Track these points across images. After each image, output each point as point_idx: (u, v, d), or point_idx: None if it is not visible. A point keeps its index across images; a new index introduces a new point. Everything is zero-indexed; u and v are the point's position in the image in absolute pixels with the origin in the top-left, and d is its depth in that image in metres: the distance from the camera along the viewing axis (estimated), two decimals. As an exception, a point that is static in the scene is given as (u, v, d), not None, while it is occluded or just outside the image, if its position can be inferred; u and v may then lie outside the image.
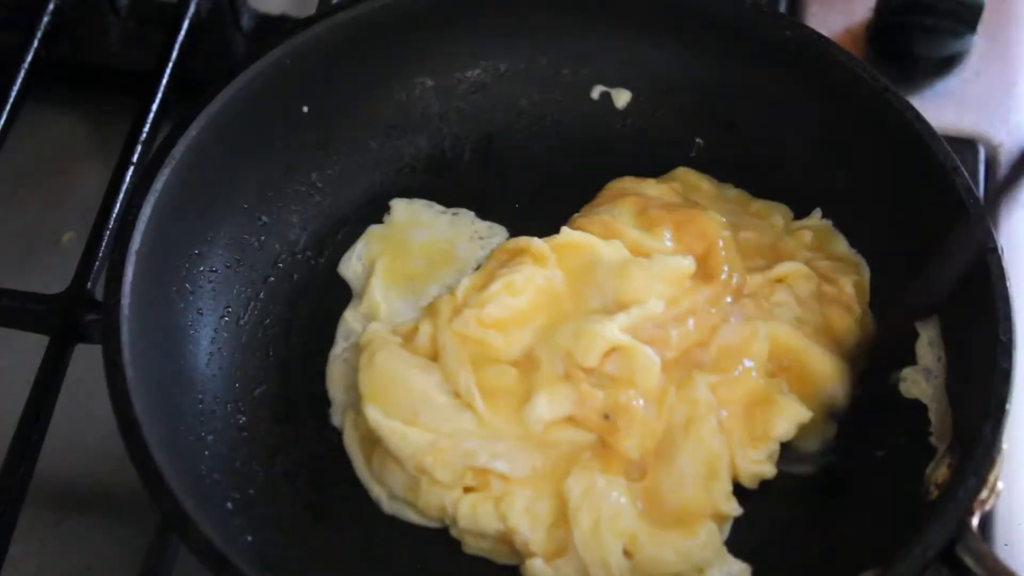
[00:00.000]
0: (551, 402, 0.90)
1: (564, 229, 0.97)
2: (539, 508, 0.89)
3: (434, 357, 0.94)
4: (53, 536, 0.99)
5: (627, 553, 0.88)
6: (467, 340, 0.93)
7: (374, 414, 0.91)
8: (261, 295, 1.00)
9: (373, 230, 1.04)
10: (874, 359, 0.95)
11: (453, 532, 0.91)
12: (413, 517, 0.92)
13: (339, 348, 0.99)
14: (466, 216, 1.04)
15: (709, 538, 0.89)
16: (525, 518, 0.89)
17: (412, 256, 1.02)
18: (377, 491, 0.93)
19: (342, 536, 0.92)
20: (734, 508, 0.91)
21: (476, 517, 0.89)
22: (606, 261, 0.95)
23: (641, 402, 0.91)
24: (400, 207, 1.05)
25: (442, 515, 0.91)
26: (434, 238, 1.03)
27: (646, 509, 0.90)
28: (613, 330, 0.91)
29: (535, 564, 0.88)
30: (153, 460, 0.81)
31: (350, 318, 1.00)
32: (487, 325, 0.93)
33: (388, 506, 0.92)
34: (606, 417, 0.90)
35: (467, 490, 0.90)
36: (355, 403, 0.94)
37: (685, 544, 0.89)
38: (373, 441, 0.92)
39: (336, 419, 0.96)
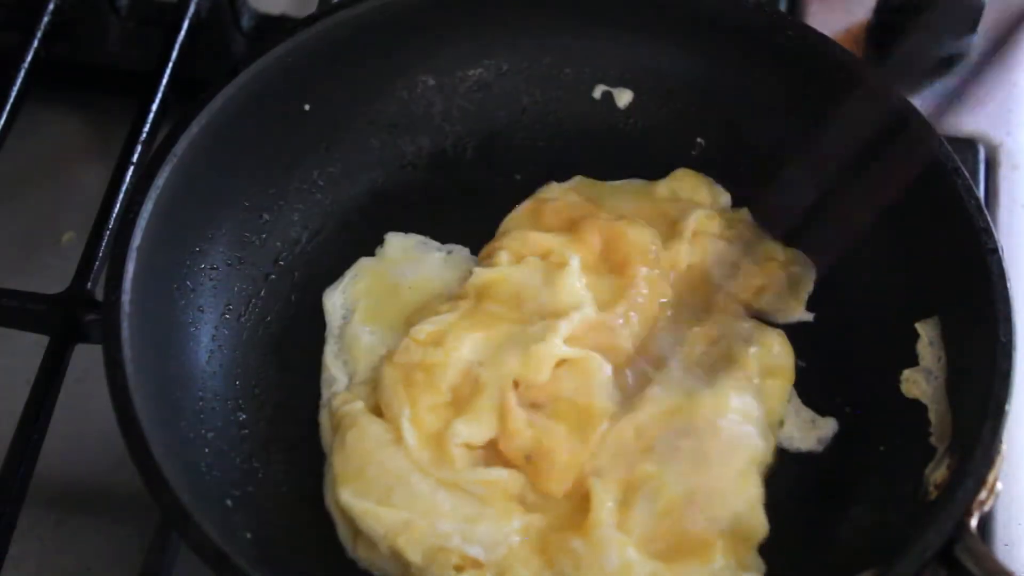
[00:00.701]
0: (470, 425, 0.90)
1: (475, 269, 0.98)
2: None
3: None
4: (53, 536, 0.99)
5: None
6: (406, 369, 0.93)
7: (346, 496, 0.89)
8: (262, 292, 1.00)
9: (363, 263, 1.02)
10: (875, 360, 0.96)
11: None
12: None
13: (324, 396, 0.97)
14: (460, 254, 1.03)
15: (727, 562, 0.88)
16: None
17: (398, 296, 1.01)
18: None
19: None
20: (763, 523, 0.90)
21: None
22: (525, 281, 0.96)
23: (560, 447, 0.90)
24: (394, 241, 1.04)
25: None
26: (424, 277, 1.01)
27: (656, 549, 0.89)
28: (557, 343, 0.92)
29: None
30: (153, 457, 0.81)
31: (331, 364, 0.98)
32: (422, 343, 0.93)
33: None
34: (528, 458, 0.90)
35: (459, 568, 0.88)
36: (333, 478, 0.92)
37: (704, 572, 0.87)
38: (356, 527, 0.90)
39: (327, 493, 0.92)
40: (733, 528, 0.89)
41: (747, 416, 0.93)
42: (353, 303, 1.01)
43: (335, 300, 1.01)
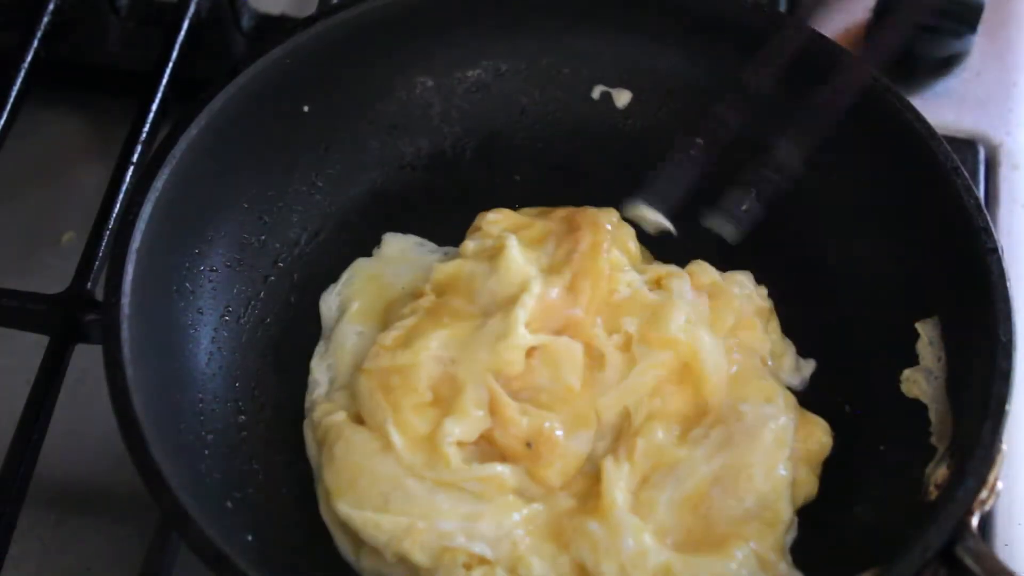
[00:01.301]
0: (461, 423, 0.89)
1: (435, 266, 0.98)
2: (561, 562, 0.88)
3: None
4: (53, 536, 0.99)
5: None
6: (379, 375, 0.92)
7: (344, 509, 0.89)
8: (261, 294, 1.00)
9: (359, 263, 1.03)
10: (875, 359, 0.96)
11: None
12: None
13: (307, 402, 0.97)
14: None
15: (745, 559, 0.87)
16: None
17: (392, 296, 1.00)
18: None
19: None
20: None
21: None
22: (475, 272, 0.96)
23: (560, 432, 0.90)
24: (391, 242, 1.04)
25: None
26: (419, 277, 1.00)
27: (674, 540, 0.89)
28: (522, 333, 0.90)
29: None
30: (153, 459, 0.81)
31: (315, 367, 0.98)
32: (390, 347, 0.93)
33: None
34: (528, 445, 0.90)
35: (468, 567, 0.87)
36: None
37: (720, 566, 0.87)
38: (356, 537, 0.90)
39: (322, 506, 0.92)
40: (758, 510, 0.89)
41: (769, 396, 0.93)
42: (347, 304, 1.00)
43: (331, 302, 1.01)
